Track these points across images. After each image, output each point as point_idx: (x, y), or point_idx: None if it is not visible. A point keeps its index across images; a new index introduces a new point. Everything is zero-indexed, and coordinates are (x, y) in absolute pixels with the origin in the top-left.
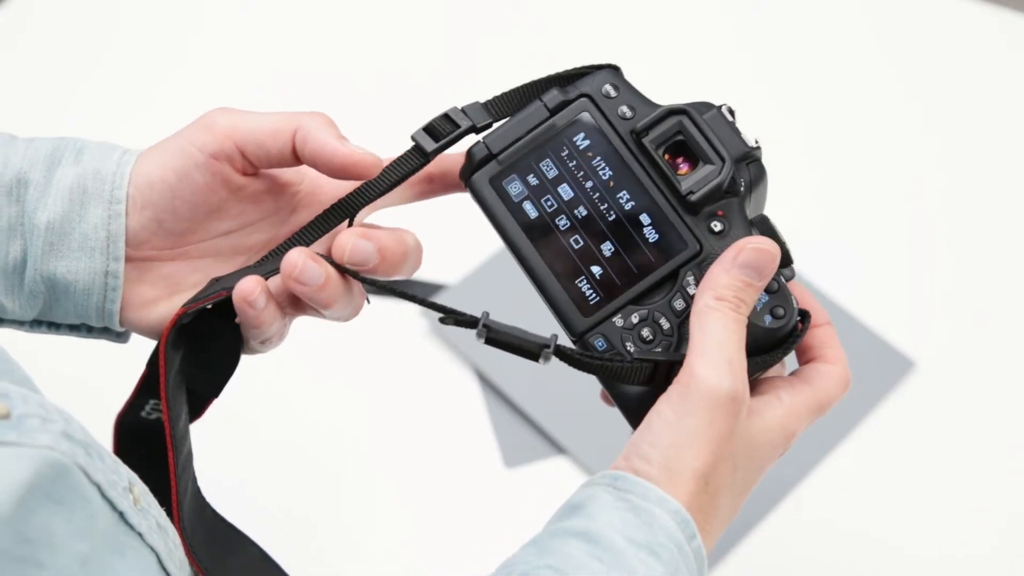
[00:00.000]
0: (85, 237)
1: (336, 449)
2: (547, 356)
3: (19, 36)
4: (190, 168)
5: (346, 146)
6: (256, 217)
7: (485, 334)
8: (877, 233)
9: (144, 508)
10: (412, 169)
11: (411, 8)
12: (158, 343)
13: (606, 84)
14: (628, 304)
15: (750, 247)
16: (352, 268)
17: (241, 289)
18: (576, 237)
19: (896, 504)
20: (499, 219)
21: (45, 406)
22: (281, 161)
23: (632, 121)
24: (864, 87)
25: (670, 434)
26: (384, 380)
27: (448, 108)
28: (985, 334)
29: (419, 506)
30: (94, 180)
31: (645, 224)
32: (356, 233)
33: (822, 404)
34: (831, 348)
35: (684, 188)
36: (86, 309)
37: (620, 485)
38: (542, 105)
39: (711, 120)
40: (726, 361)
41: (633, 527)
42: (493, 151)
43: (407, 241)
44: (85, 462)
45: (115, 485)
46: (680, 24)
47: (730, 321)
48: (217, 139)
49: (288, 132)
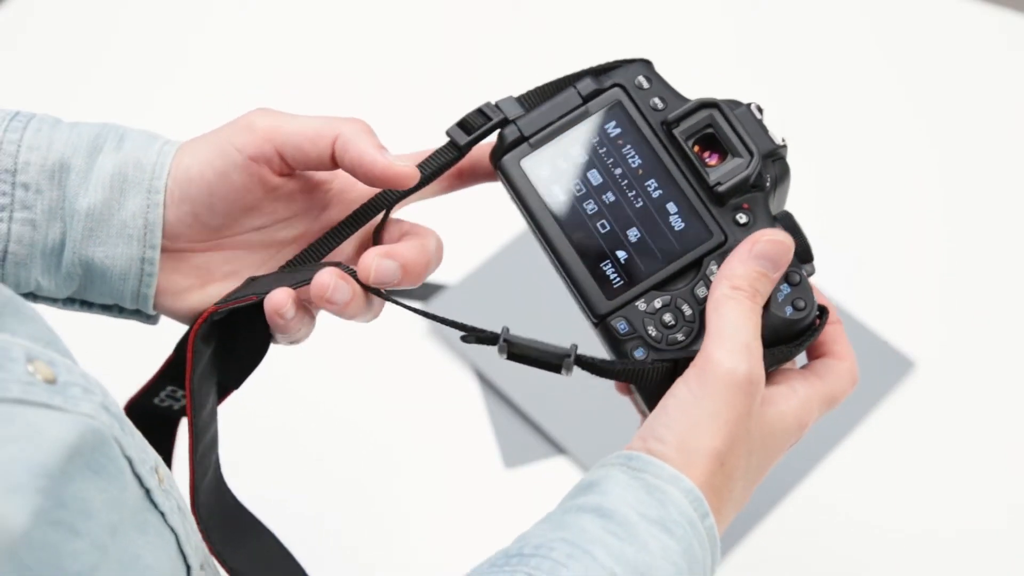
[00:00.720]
0: (124, 224)
1: (336, 449)
2: (569, 367)
3: (19, 36)
4: (229, 168)
5: (385, 156)
6: (289, 214)
7: (507, 349)
8: (877, 233)
9: (167, 489)
10: (447, 163)
11: (414, 7)
12: (187, 334)
13: (639, 76)
14: (651, 289)
15: (765, 239)
16: (377, 286)
17: (273, 302)
18: (603, 222)
19: (896, 503)
20: (526, 200)
21: (87, 377)
22: (319, 165)
23: (663, 112)
24: (864, 87)
25: (686, 415)
26: (384, 380)
27: (482, 103)
28: (985, 334)
29: (419, 506)
30: (135, 169)
31: (672, 212)
32: (380, 253)
33: (833, 397)
34: (840, 344)
35: (712, 179)
36: (121, 292)
37: (634, 464)
38: (575, 92)
39: (741, 116)
40: (743, 345)
41: (646, 504)
42: (525, 134)
43: (429, 249)
44: (120, 435)
45: (144, 463)
46: (680, 24)
47: (746, 309)
48: (257, 142)
49: (328, 138)
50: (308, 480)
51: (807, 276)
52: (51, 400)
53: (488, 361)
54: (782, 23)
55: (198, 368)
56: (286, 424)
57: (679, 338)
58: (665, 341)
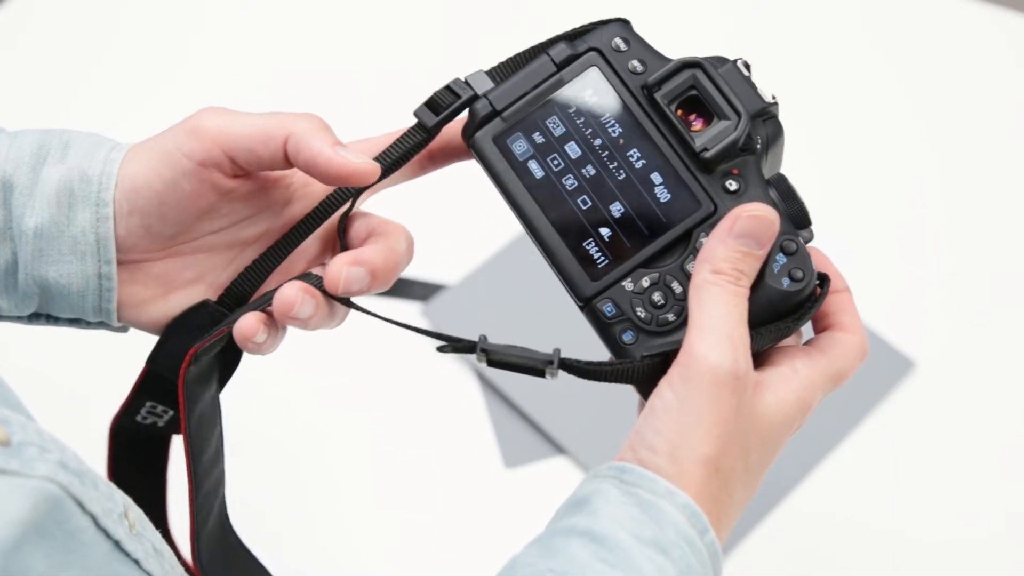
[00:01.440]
0: (75, 241)
1: (336, 449)
2: (553, 372)
3: (19, 36)
4: (177, 176)
5: (340, 154)
6: (249, 213)
7: (484, 358)
8: (877, 233)
9: (140, 533)
10: (415, 146)
11: (410, 4)
12: (176, 383)
13: (616, 38)
14: (638, 267)
15: (746, 215)
16: (345, 295)
17: (242, 330)
18: (584, 197)
19: (896, 503)
20: (503, 179)
21: (42, 434)
22: (273, 166)
23: (643, 76)
24: (864, 87)
25: (674, 419)
26: (384, 380)
27: (451, 79)
28: (985, 334)
29: (419, 506)
30: (80, 182)
31: (657, 183)
32: (347, 260)
33: (840, 374)
34: (848, 315)
35: (698, 145)
36: (83, 308)
37: (626, 478)
38: (549, 60)
39: (727, 74)
40: (726, 337)
41: (640, 523)
42: (497, 108)
43: (398, 251)
44: (80, 492)
45: (110, 513)
46: (680, 24)
47: (729, 295)
48: (205, 146)
49: (279, 138)
50: (308, 480)
51: (804, 243)
52: (6, 464)
53: None
54: (782, 23)
55: (194, 413)
56: (284, 425)
57: (670, 318)
58: (655, 322)
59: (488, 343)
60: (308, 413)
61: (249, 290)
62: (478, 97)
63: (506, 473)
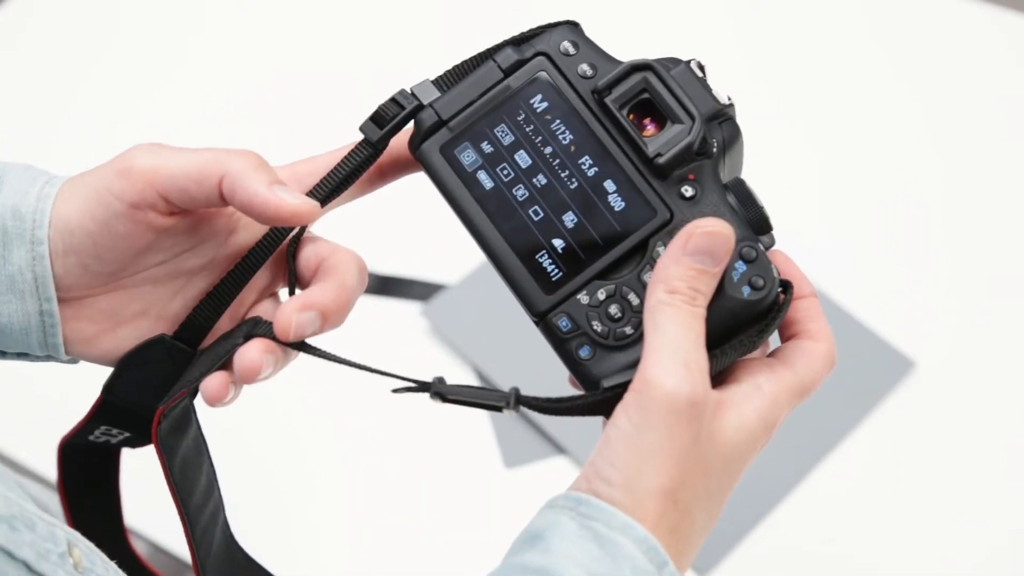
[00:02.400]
0: (12, 280)
1: (336, 449)
2: (510, 410)
3: (19, 36)
4: (110, 218)
5: (277, 194)
6: (191, 245)
7: (439, 400)
8: (877, 233)
9: (87, 568)
10: (362, 163)
11: (406, 6)
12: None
13: (564, 41)
14: (594, 279)
15: (699, 232)
16: (296, 340)
17: (211, 392)
18: (535, 208)
19: (896, 504)
20: (451, 191)
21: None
22: (209, 204)
23: (593, 80)
24: (864, 87)
25: (629, 450)
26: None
27: (396, 91)
28: (985, 334)
29: (419, 506)
30: (13, 219)
31: (610, 191)
32: (296, 307)
33: (806, 387)
34: (815, 322)
35: (651, 150)
36: (27, 344)
37: (583, 510)
38: (495, 66)
39: (679, 76)
40: (682, 364)
41: (596, 560)
42: (443, 117)
43: (349, 285)
44: (7, 539)
45: (48, 554)
46: (680, 25)
47: (685, 316)
48: (136, 187)
49: (214, 178)
50: (307, 480)
51: (765, 249)
52: None
53: (488, 361)
54: (782, 23)
55: (175, 462)
56: (283, 425)
57: (627, 331)
58: (612, 336)
59: (443, 385)
60: (307, 416)
61: (206, 322)
62: (423, 107)
63: (506, 473)
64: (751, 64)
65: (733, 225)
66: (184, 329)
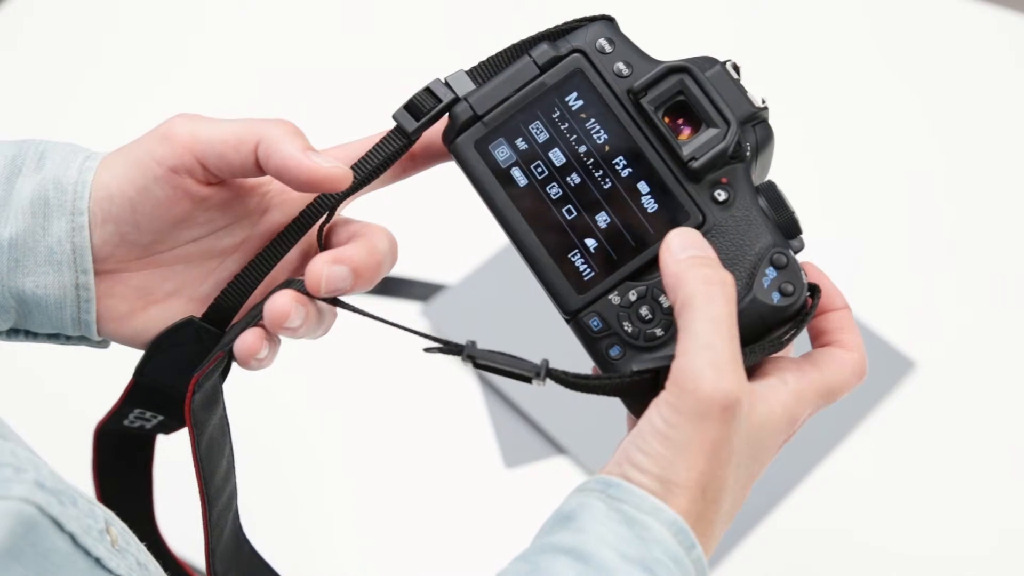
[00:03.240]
0: (51, 251)
1: (336, 449)
2: (540, 382)
3: (19, 36)
4: (149, 183)
5: (311, 159)
6: (226, 222)
7: (471, 363)
8: (877, 233)
9: (123, 548)
10: (395, 152)
11: (410, 5)
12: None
13: (600, 38)
14: (625, 280)
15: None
16: (328, 296)
17: (246, 348)
18: (569, 207)
19: (896, 505)
20: (485, 187)
21: (17, 454)
22: (245, 172)
23: (629, 79)
24: (865, 88)
25: (662, 444)
26: (384, 379)
27: (430, 80)
28: (985, 334)
29: (419, 507)
30: (55, 190)
31: (643, 193)
32: (328, 260)
33: (831, 390)
34: (848, 333)
35: (686, 154)
36: (61, 321)
37: (613, 493)
38: (531, 61)
39: (714, 78)
40: (716, 363)
41: (626, 541)
42: (478, 112)
43: (380, 249)
44: (58, 511)
45: (90, 530)
46: (680, 25)
47: (717, 308)
48: (176, 151)
49: (251, 143)
50: (307, 481)
51: (794, 254)
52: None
53: None
54: (782, 23)
55: (203, 438)
56: (284, 426)
57: (657, 333)
58: (643, 337)
59: (476, 348)
60: (308, 415)
61: (234, 304)
62: (459, 100)
63: (506, 473)
64: (751, 64)
65: (764, 230)
66: (213, 310)
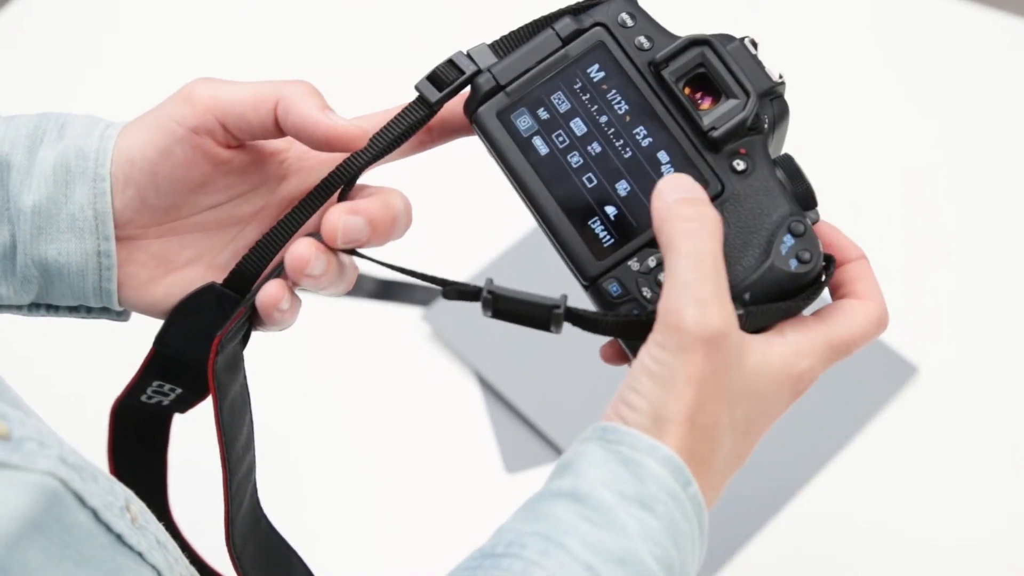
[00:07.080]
0: (73, 218)
1: (336, 453)
2: (558, 321)
3: (19, 36)
4: (170, 144)
5: (330, 117)
6: (244, 188)
7: (492, 304)
8: (879, 238)
9: (143, 526)
10: (417, 122)
11: (412, 6)
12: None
13: (622, 12)
14: (645, 246)
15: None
16: (345, 247)
17: (268, 297)
18: (589, 175)
19: (898, 509)
20: (506, 156)
21: (40, 430)
22: (264, 133)
23: (650, 52)
24: (865, 91)
25: (652, 380)
26: (385, 384)
27: (452, 53)
28: (988, 340)
29: (420, 512)
30: (77, 158)
31: (663, 162)
32: (344, 210)
33: (843, 342)
34: (863, 282)
35: (706, 124)
36: (83, 290)
37: (609, 436)
38: (554, 34)
39: (734, 52)
40: (696, 299)
41: (623, 481)
42: (500, 83)
43: (395, 204)
44: (80, 487)
45: (111, 507)
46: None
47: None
48: (197, 112)
49: (270, 103)
50: (307, 484)
51: (811, 224)
52: (8, 458)
53: (490, 365)
54: (782, 24)
55: (225, 402)
56: (284, 428)
57: None
58: None
59: (496, 286)
60: (308, 417)
61: (254, 271)
62: (481, 71)
63: (507, 478)
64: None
65: (782, 199)
66: (233, 277)
